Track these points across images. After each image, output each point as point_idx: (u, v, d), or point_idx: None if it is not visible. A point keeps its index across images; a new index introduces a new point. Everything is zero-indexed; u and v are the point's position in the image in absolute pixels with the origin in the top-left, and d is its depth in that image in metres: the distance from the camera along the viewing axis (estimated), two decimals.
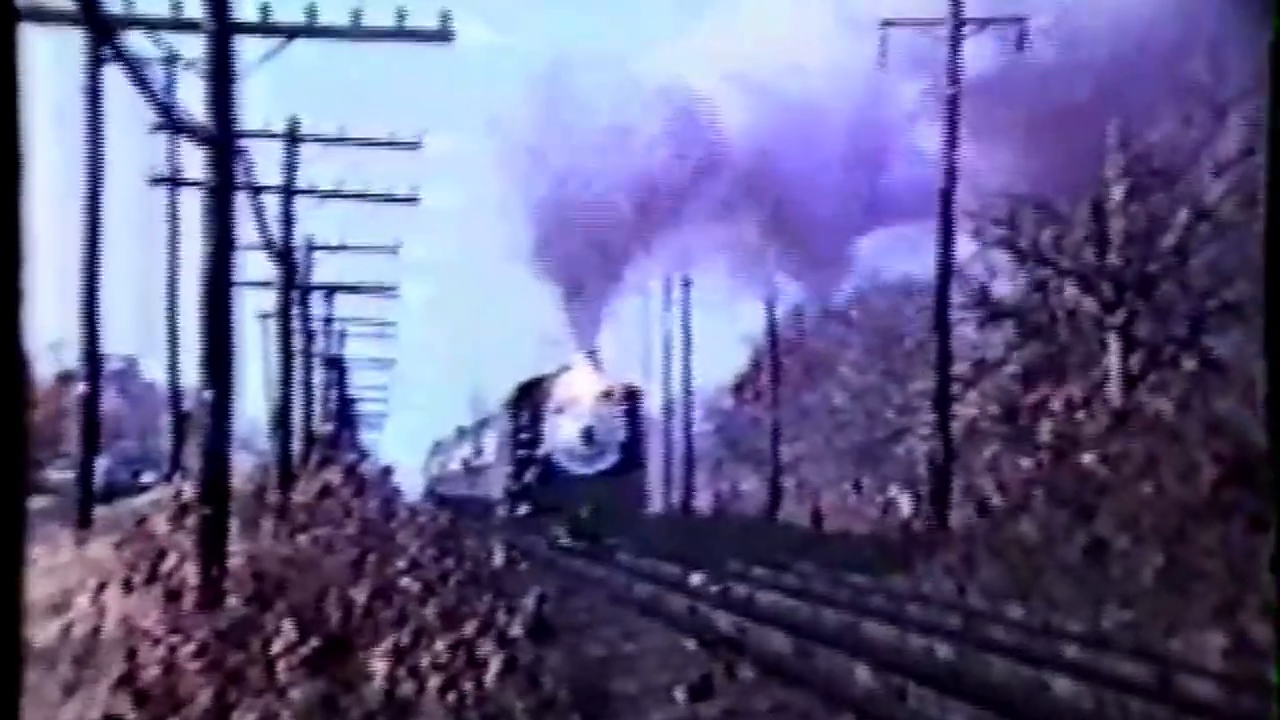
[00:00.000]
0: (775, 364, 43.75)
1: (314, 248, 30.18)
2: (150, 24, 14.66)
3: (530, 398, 35.16)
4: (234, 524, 12.56)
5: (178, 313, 30.91)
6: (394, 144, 23.28)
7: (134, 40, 14.36)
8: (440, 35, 15.29)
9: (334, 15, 15.06)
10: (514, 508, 35.19)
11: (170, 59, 18.16)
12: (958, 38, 28.71)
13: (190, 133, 12.72)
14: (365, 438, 65.90)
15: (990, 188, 28.06)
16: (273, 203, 23.84)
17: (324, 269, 31.89)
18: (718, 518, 44.68)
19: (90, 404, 19.81)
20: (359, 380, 55.64)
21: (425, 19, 15.22)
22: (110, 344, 22.06)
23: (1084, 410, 27.72)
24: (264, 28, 14.29)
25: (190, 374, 21.04)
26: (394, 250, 31.17)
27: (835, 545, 29.51)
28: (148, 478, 39.53)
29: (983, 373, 34.36)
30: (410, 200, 24.82)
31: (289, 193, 24.47)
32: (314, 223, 27.46)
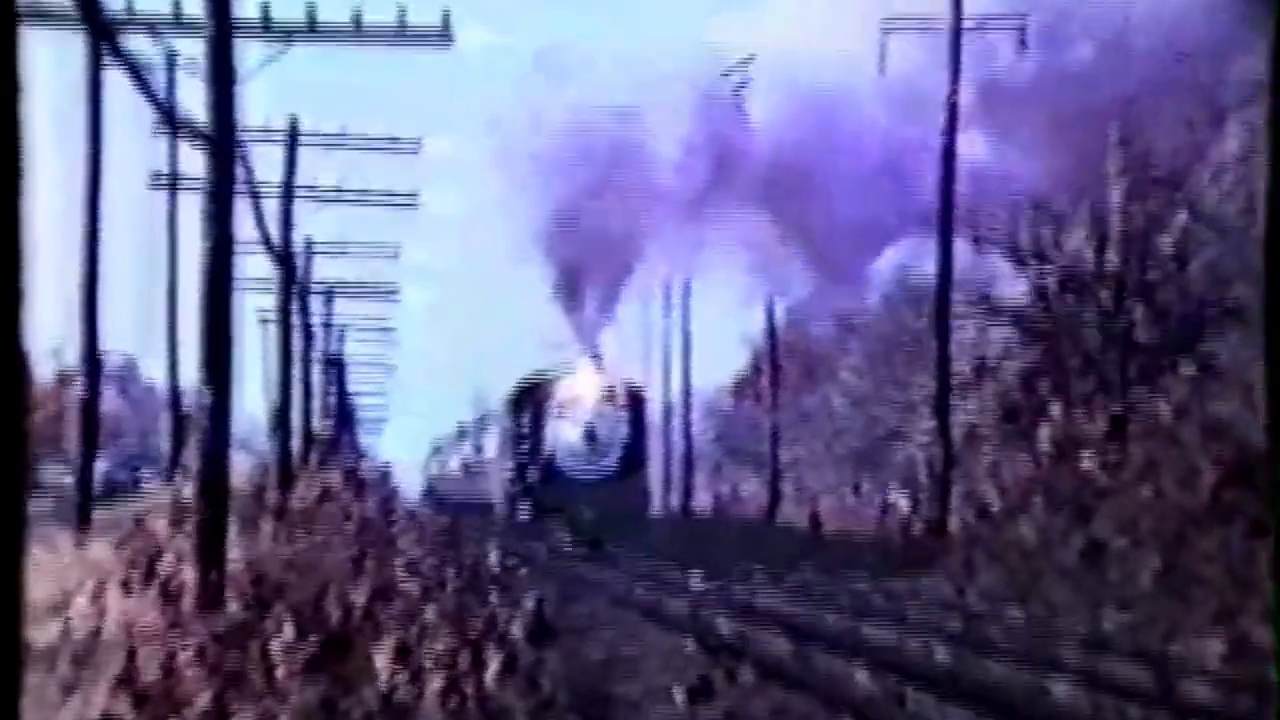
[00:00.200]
0: (775, 366, 43.74)
1: (314, 249, 30.21)
2: (151, 26, 14.68)
3: (532, 398, 34.71)
4: (233, 525, 12.56)
5: (177, 314, 30.90)
6: (394, 146, 23.31)
7: (135, 42, 14.38)
8: (440, 37, 15.31)
9: (334, 17, 15.10)
10: (515, 509, 34.86)
11: (171, 60, 18.18)
12: (958, 39, 28.73)
13: (191, 134, 12.73)
14: (364, 439, 65.91)
15: (991, 190, 28.08)
16: (273, 204, 23.86)
17: (324, 270, 31.95)
18: (717, 520, 44.67)
19: (90, 404, 19.81)
20: (358, 381, 55.69)
21: (425, 21, 15.24)
22: (110, 344, 22.08)
23: (1083, 414, 27.73)
24: (265, 29, 14.31)
25: (190, 375, 21.03)
26: (394, 252, 31.24)
27: (834, 549, 29.48)
28: (147, 478, 39.53)
29: (983, 376, 34.38)
30: (410, 202, 24.86)
31: (289, 194, 24.49)
32: (314, 224, 27.51)
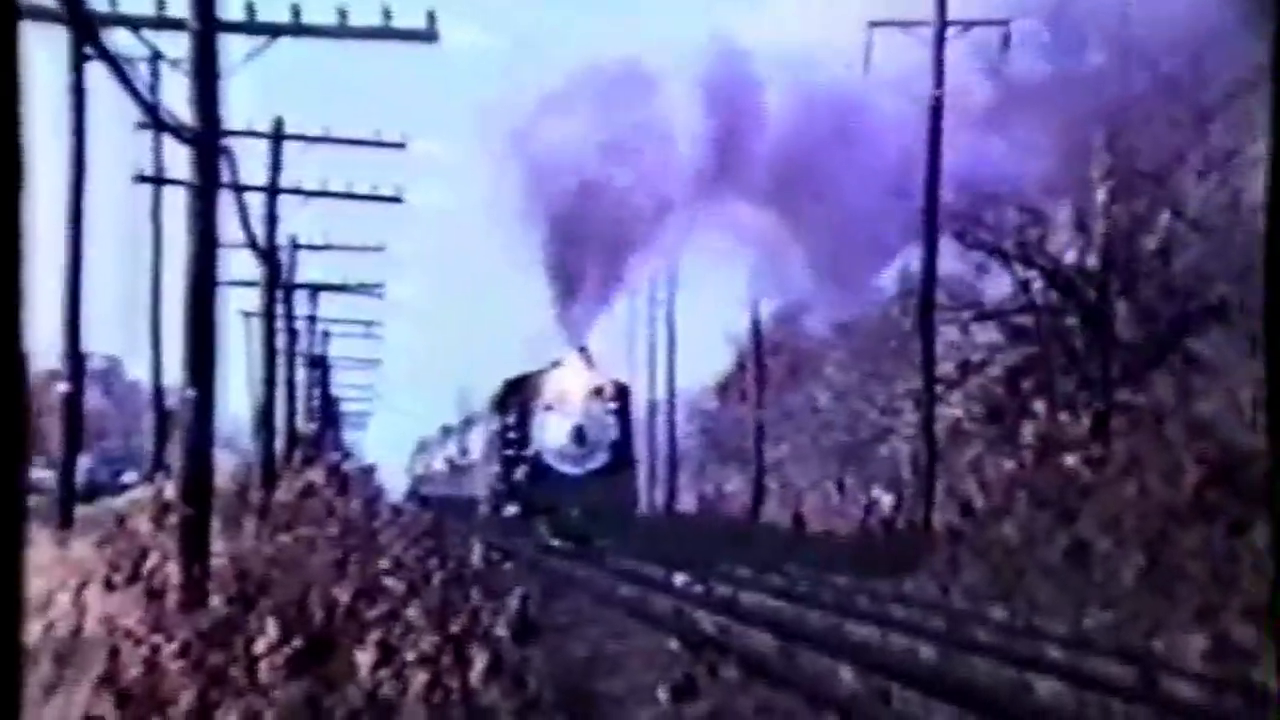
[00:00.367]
0: (760, 364, 43.78)
1: (298, 246, 30.14)
2: (135, 22, 14.63)
3: (519, 394, 34.09)
4: (216, 523, 12.54)
5: (161, 312, 30.85)
6: (379, 143, 23.25)
7: (118, 38, 14.33)
8: (425, 35, 15.28)
9: (319, 14, 15.06)
10: (501, 508, 34.35)
11: (155, 57, 18.12)
12: (942, 40, 28.78)
13: (175, 131, 12.69)
14: (349, 437, 65.84)
15: (975, 188, 28.12)
16: (257, 201, 23.82)
17: (308, 268, 31.88)
18: (702, 519, 44.69)
19: (73, 403, 19.74)
20: (343, 379, 55.61)
21: (411, 19, 15.22)
22: (93, 343, 22.01)
23: (1067, 412, 27.80)
24: (249, 26, 14.27)
25: (173, 373, 20.98)
26: (379, 250, 31.16)
27: (818, 547, 29.51)
28: (130, 477, 39.43)
29: (967, 374, 34.43)
30: (395, 200, 24.79)
31: (273, 191, 24.43)
32: (298, 222, 27.43)
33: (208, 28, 12.01)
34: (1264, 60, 2.25)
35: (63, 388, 19.77)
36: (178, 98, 12.56)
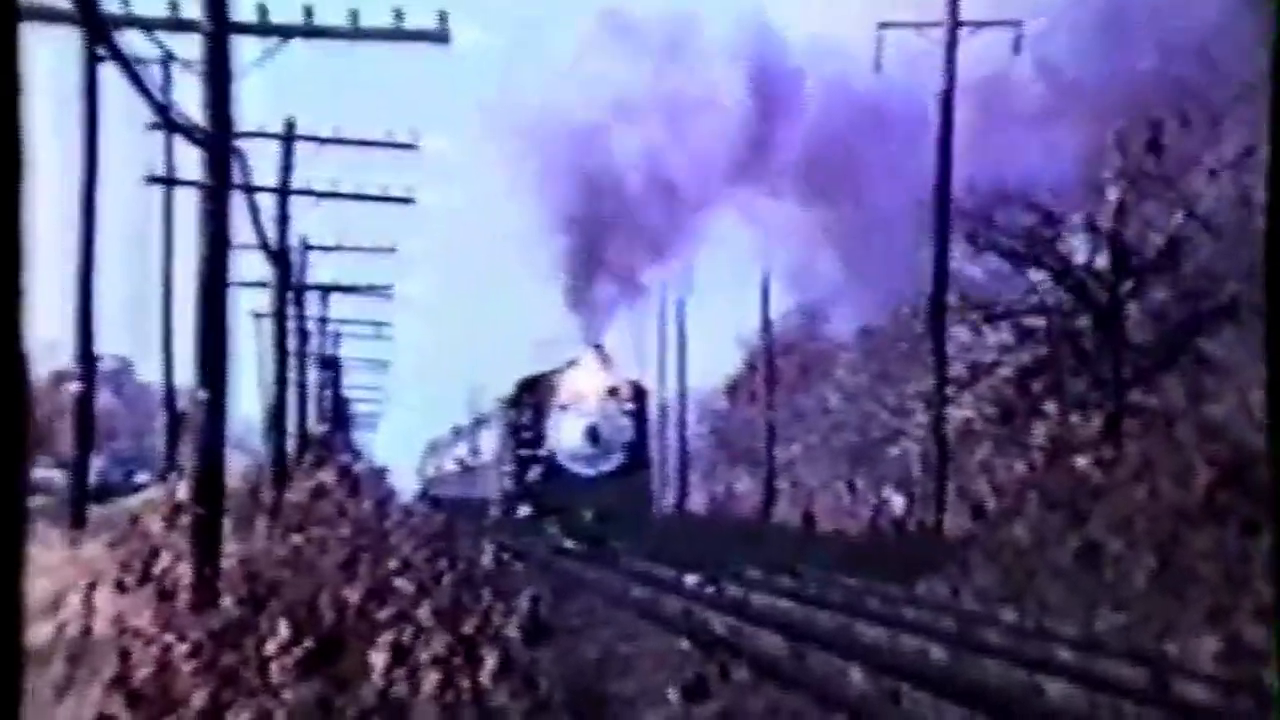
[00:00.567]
0: (770, 365, 43.74)
1: (309, 247, 30.18)
2: (147, 24, 14.66)
3: (533, 394, 33.46)
4: (228, 524, 12.56)
5: (173, 312, 30.91)
6: (390, 144, 23.26)
7: (131, 40, 14.36)
8: (437, 36, 15.29)
9: (331, 16, 15.07)
10: (514, 509, 33.83)
11: (167, 59, 18.15)
12: (954, 39, 28.76)
13: (186, 132, 12.71)
14: (359, 438, 65.95)
15: (986, 188, 28.06)
16: (268, 202, 23.85)
17: (319, 269, 31.92)
18: (712, 519, 44.67)
19: (85, 404, 19.80)
20: (353, 380, 55.67)
21: (422, 19, 15.23)
22: (105, 344, 22.08)
23: (1078, 413, 27.75)
24: (261, 28, 14.28)
25: (185, 374, 21.04)
26: (390, 251, 31.18)
27: (829, 548, 29.47)
28: (141, 478, 39.53)
29: (977, 375, 34.37)
30: (406, 200, 24.81)
31: (285, 192, 24.47)
32: (309, 223, 27.46)
33: (220, 29, 12.03)
34: (1265, 61, 2.25)
35: (74, 388, 19.83)
36: (190, 99, 12.60)
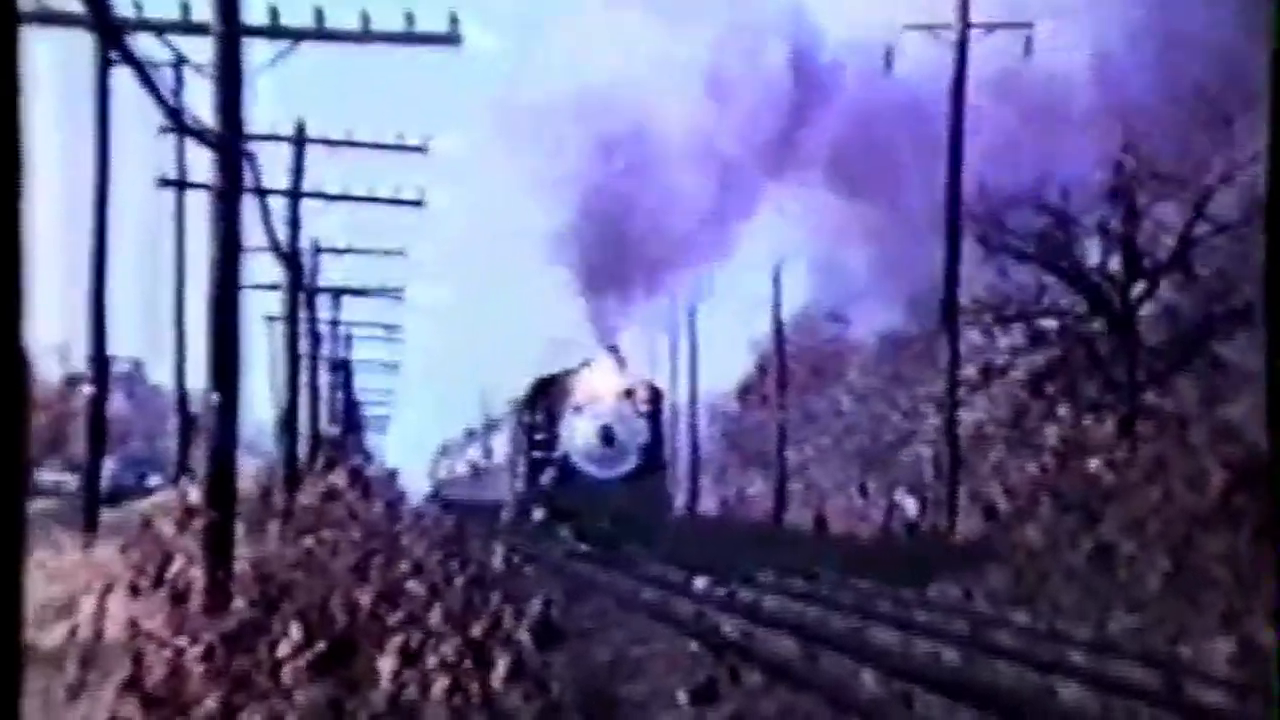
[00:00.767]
0: (782, 368, 43.71)
1: (321, 250, 30.22)
2: (159, 27, 14.69)
3: (547, 395, 33.05)
4: (240, 527, 12.57)
5: (184, 315, 30.95)
6: (401, 147, 23.28)
7: (143, 43, 14.38)
8: (448, 38, 15.30)
9: (342, 19, 15.09)
10: (527, 512, 33.49)
11: (179, 62, 18.18)
12: (965, 41, 28.73)
13: (198, 135, 12.73)
14: (371, 440, 66.06)
15: (998, 191, 28.02)
16: (280, 205, 23.87)
17: (331, 272, 31.96)
18: (724, 522, 44.64)
19: (97, 407, 19.83)
20: (365, 383, 55.74)
21: (434, 22, 15.24)
22: (117, 347, 22.10)
23: (1091, 415, 27.70)
24: (272, 31, 14.30)
25: (197, 377, 21.06)
26: (401, 253, 31.22)
27: (841, 551, 29.43)
28: (154, 480, 39.62)
29: (990, 377, 34.31)
30: (416, 203, 24.83)
31: (296, 195, 24.50)
32: (321, 225, 27.50)
33: (231, 32, 12.05)
34: (1265, 62, 2.23)
35: (87, 391, 19.86)
36: (201, 102, 12.62)
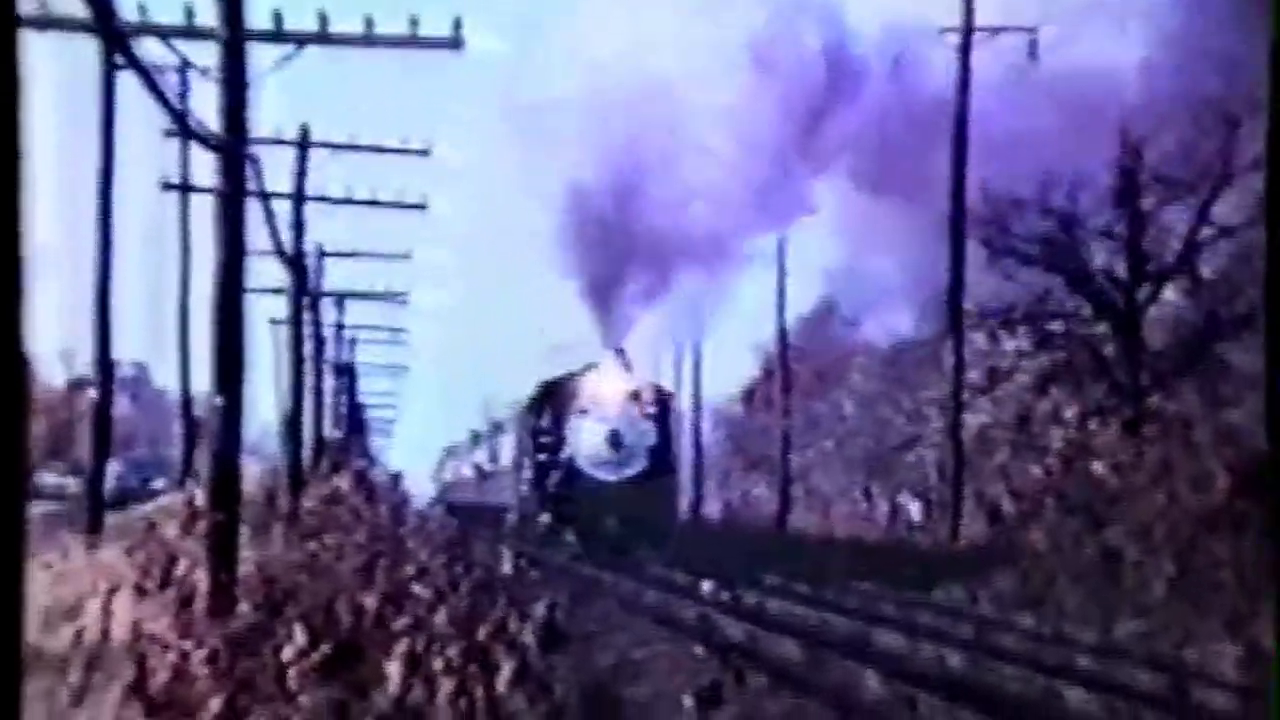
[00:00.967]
0: (785, 371, 43.69)
1: (325, 254, 30.24)
2: (164, 32, 14.71)
3: (553, 398, 32.78)
4: (244, 530, 12.57)
5: (189, 319, 30.98)
6: (404, 150, 23.31)
7: (148, 48, 14.39)
8: (451, 43, 15.32)
9: (346, 23, 15.11)
10: (533, 516, 33.29)
11: (184, 66, 18.21)
12: (968, 45, 28.73)
13: (202, 139, 12.75)
14: (375, 444, 66.09)
15: (1002, 194, 28.00)
16: (284, 209, 23.89)
17: (335, 275, 31.96)
18: (727, 526, 44.62)
19: (102, 410, 19.85)
20: (369, 386, 55.76)
21: (437, 26, 15.26)
22: (121, 350, 22.15)
23: (1096, 418, 27.66)
24: (276, 35, 14.32)
25: (201, 380, 21.10)
26: (405, 257, 31.24)
27: (845, 554, 29.38)
28: (158, 484, 39.63)
29: (995, 380, 34.28)
30: (419, 207, 24.86)
31: (300, 199, 24.52)
32: (325, 229, 27.51)
33: (236, 37, 12.06)
34: (1264, 63, 2.23)
35: (91, 395, 19.88)
36: (206, 106, 12.63)
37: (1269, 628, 13.96)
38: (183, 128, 15.29)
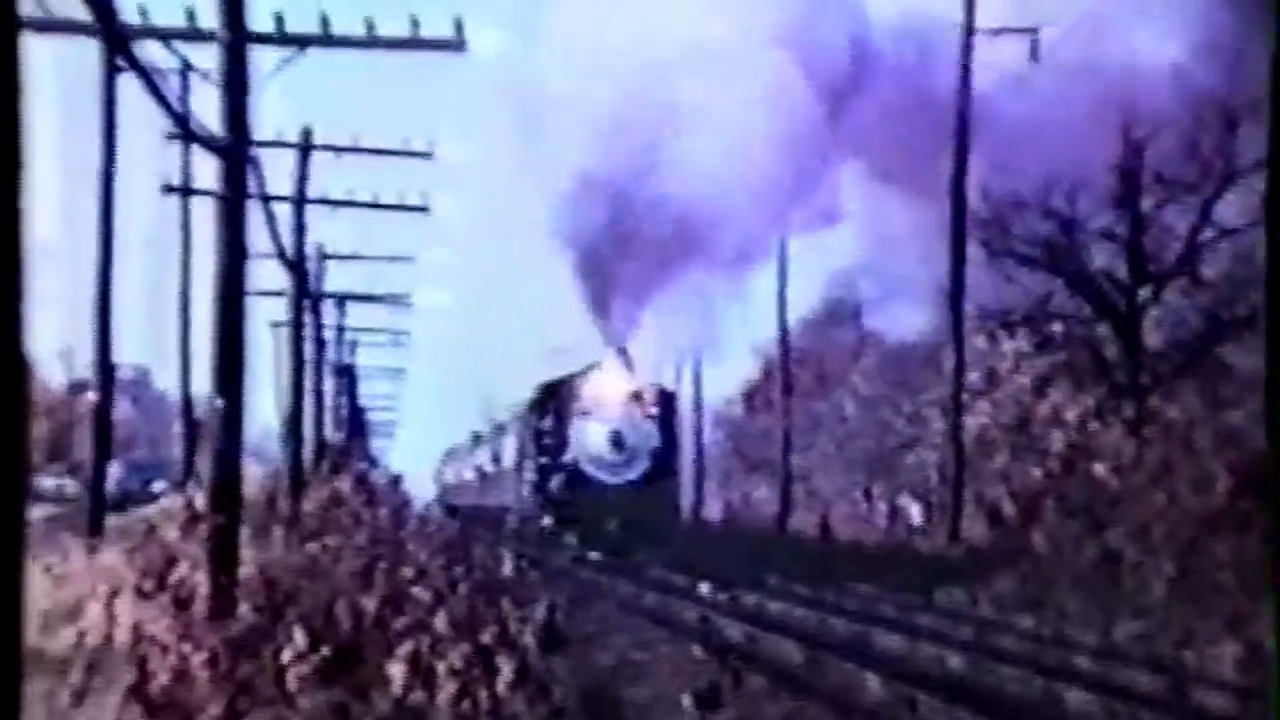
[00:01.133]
0: (786, 373, 43.66)
1: (326, 256, 30.23)
2: (166, 34, 14.72)
3: (555, 398, 32.65)
4: (245, 532, 12.57)
5: (190, 321, 30.97)
6: (406, 153, 23.30)
7: (149, 50, 14.41)
8: (453, 44, 15.32)
9: (347, 25, 15.12)
10: (535, 518, 33.19)
11: (185, 69, 18.23)
12: (969, 45, 28.73)
13: (204, 142, 12.76)
14: (376, 446, 66.04)
15: (1002, 194, 28.00)
16: (285, 211, 23.88)
17: (336, 278, 31.94)
18: (728, 528, 44.60)
19: (102, 413, 19.86)
20: (370, 389, 55.72)
21: (439, 27, 15.26)
22: (122, 353, 22.16)
23: (1096, 420, 27.66)
24: (278, 38, 14.33)
25: (202, 383, 21.09)
26: (407, 259, 31.22)
27: (845, 556, 29.39)
28: (159, 486, 39.62)
29: (995, 382, 34.28)
30: (421, 209, 24.84)
31: (301, 201, 24.52)
32: (326, 231, 27.50)
33: (237, 39, 12.07)
34: (1266, 64, 2.25)
35: (92, 397, 19.90)
36: (207, 108, 12.64)
37: (1269, 629, 13.96)
38: (184, 130, 15.31)
